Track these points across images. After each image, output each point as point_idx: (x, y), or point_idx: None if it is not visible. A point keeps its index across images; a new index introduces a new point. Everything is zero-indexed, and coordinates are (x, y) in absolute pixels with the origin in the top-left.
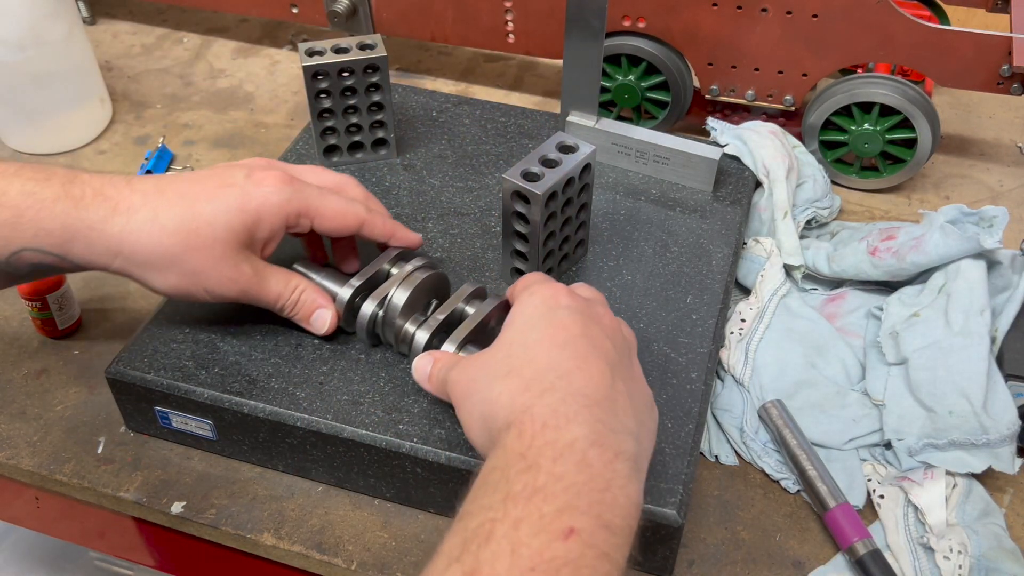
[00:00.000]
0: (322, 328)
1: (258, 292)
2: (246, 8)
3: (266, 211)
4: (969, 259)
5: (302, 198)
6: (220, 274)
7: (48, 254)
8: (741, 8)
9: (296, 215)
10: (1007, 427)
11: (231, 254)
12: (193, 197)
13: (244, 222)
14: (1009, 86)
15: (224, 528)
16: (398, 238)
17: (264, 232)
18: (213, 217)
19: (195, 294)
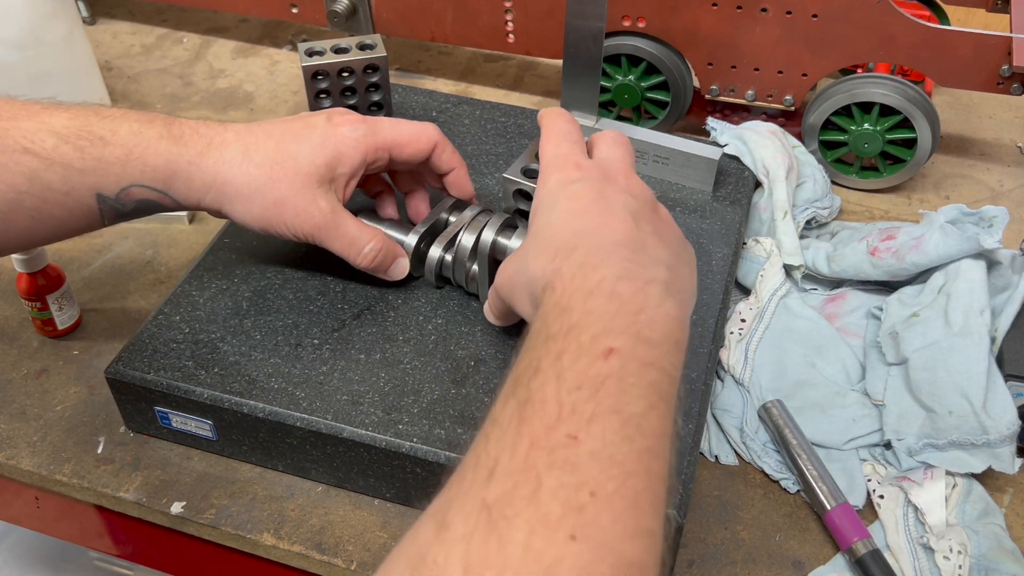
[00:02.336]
0: (402, 274)
1: (334, 230)
2: (246, 8)
3: (345, 147)
4: (969, 259)
5: (376, 131)
6: (299, 207)
7: (153, 190)
8: (741, 8)
9: (375, 148)
10: (1007, 427)
11: (312, 186)
12: (280, 136)
13: (325, 157)
14: (1009, 86)
15: (224, 528)
16: (457, 175)
17: (345, 167)
18: (297, 151)
19: (276, 227)
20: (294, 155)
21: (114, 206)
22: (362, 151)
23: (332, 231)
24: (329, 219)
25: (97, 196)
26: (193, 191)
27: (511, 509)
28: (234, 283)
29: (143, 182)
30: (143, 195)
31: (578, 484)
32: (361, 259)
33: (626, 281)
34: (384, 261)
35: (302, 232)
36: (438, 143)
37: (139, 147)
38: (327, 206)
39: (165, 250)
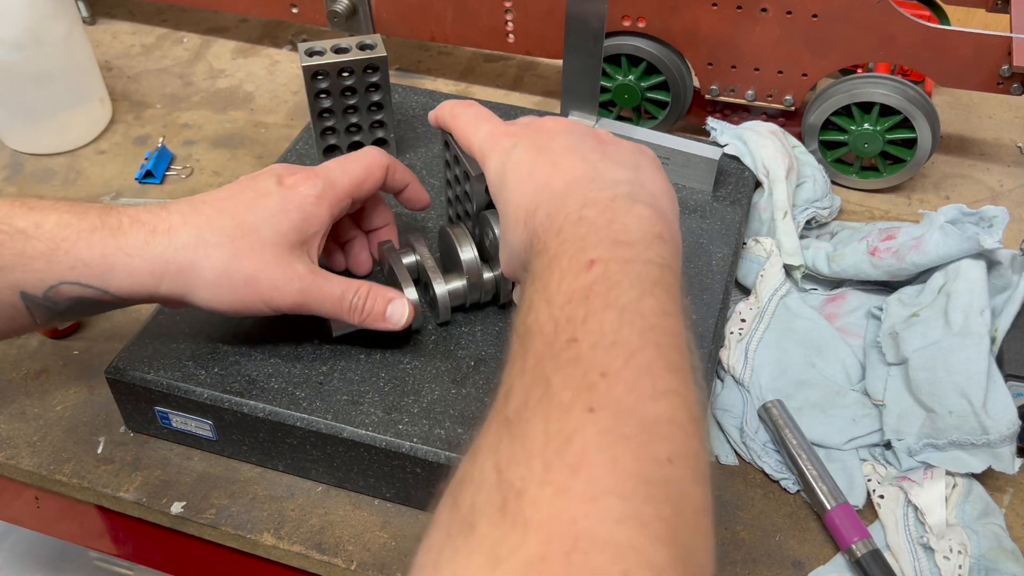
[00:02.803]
0: (400, 320)
1: (320, 291)
2: (246, 8)
3: (308, 206)
4: (969, 259)
5: (333, 181)
6: (275, 277)
7: (88, 287)
8: (741, 8)
9: (337, 200)
10: (1007, 427)
11: (283, 255)
12: (232, 211)
13: (292, 222)
14: (1009, 86)
15: (224, 528)
16: (412, 189)
17: (314, 227)
18: (257, 224)
19: (252, 306)
20: (255, 228)
21: (43, 304)
22: (327, 206)
23: (317, 292)
24: (310, 282)
25: (21, 295)
26: (140, 283)
27: (527, 412)
28: None
29: (73, 279)
30: (76, 292)
31: (585, 371)
32: (353, 314)
33: (589, 206)
34: (376, 309)
35: (284, 304)
36: (389, 166)
37: (67, 240)
38: (304, 269)
39: None
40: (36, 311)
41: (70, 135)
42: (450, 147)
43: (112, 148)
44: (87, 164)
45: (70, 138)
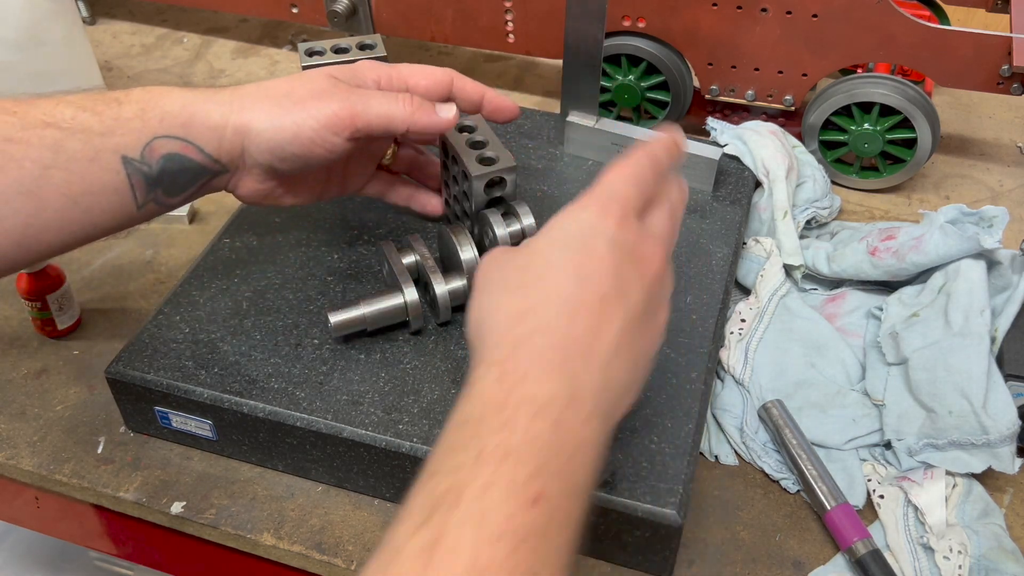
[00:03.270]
0: (451, 114)
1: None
2: (246, 8)
3: (360, 68)
4: (969, 259)
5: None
6: (322, 93)
7: (174, 139)
8: (741, 8)
9: (386, 76)
10: (1007, 427)
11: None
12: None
13: (343, 73)
14: (1009, 86)
15: (224, 528)
16: (490, 98)
17: (364, 80)
18: (311, 72)
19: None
20: (308, 74)
21: (140, 168)
22: (374, 74)
23: (363, 98)
24: (357, 91)
25: (123, 159)
26: (213, 129)
27: None
28: (234, 283)
29: (162, 132)
30: (167, 148)
31: None
32: (403, 106)
33: (573, 409)
34: (425, 104)
35: (333, 111)
36: (456, 77)
37: (152, 100)
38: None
39: (165, 250)
40: (136, 179)
41: None
42: (448, 147)
43: None
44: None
45: None
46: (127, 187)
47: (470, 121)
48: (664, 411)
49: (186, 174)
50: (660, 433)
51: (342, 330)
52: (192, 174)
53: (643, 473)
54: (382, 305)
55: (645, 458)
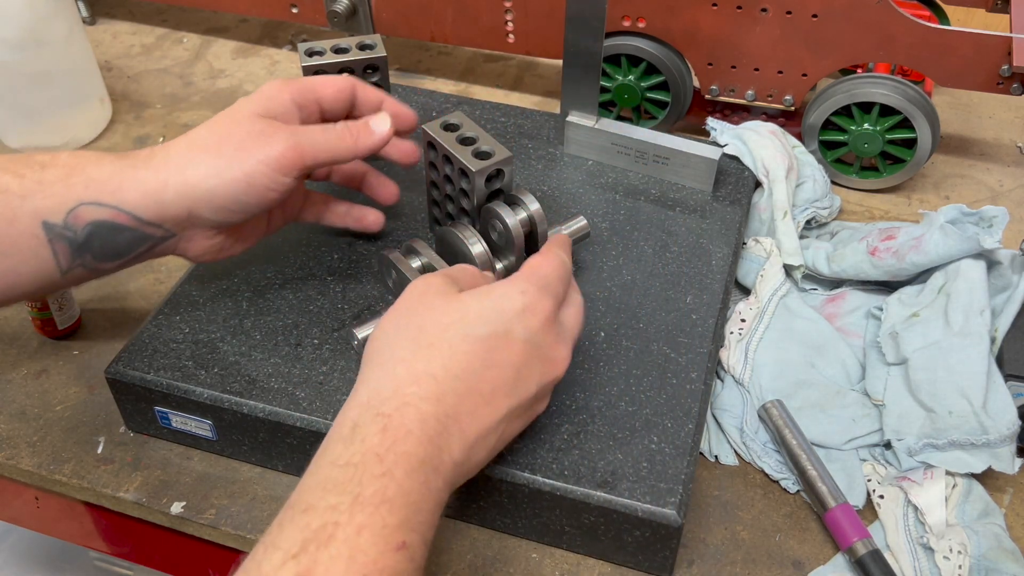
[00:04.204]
0: (385, 127)
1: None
2: (246, 8)
3: (272, 90)
4: (969, 259)
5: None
6: (262, 137)
7: (103, 206)
8: (741, 8)
9: (298, 90)
10: (1007, 427)
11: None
12: (212, 119)
13: (255, 103)
14: (1009, 86)
15: (224, 528)
16: (388, 104)
17: (277, 107)
18: (228, 112)
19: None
20: (227, 114)
21: (64, 234)
22: (288, 92)
23: (305, 134)
24: (295, 129)
25: (43, 225)
26: (149, 195)
27: None
28: (234, 283)
29: (89, 198)
30: (93, 215)
31: None
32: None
33: (436, 475)
34: (361, 127)
35: (279, 152)
36: (356, 84)
37: (79, 165)
38: (282, 124)
39: None
40: (58, 245)
41: (70, 135)
42: (437, 148)
43: (112, 148)
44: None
45: (70, 138)
46: (48, 252)
47: (454, 120)
48: (664, 411)
49: (121, 241)
50: (660, 433)
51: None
52: (129, 241)
53: (643, 473)
54: None
55: (645, 458)
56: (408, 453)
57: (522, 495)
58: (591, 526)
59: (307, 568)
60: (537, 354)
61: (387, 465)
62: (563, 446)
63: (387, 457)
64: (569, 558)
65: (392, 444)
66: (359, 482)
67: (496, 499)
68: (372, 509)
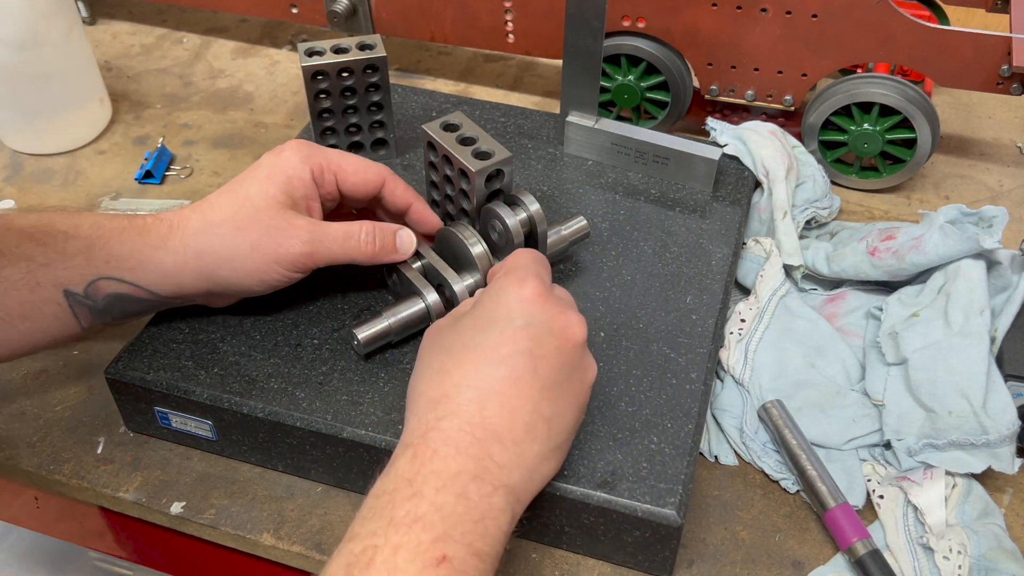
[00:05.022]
0: (410, 248)
1: (324, 235)
2: (246, 8)
3: (291, 168)
4: (969, 259)
5: (322, 154)
6: (278, 237)
7: (123, 282)
8: (741, 8)
9: (319, 168)
10: (1007, 427)
11: (280, 216)
12: (229, 189)
13: (277, 184)
14: (1009, 86)
15: (224, 528)
16: (416, 210)
17: (298, 189)
18: (248, 192)
19: (269, 272)
20: (247, 196)
21: (84, 303)
22: (308, 168)
23: (322, 239)
24: (312, 230)
25: (64, 293)
26: (167, 274)
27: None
28: None
29: (109, 274)
30: (113, 288)
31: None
32: (364, 247)
33: (477, 483)
34: (385, 240)
35: (294, 257)
36: (387, 179)
37: (102, 239)
38: (303, 221)
39: None
40: (79, 310)
41: (70, 135)
42: (437, 148)
43: (112, 148)
44: (87, 164)
45: (70, 138)
46: (70, 316)
47: (454, 120)
48: (664, 411)
49: (140, 308)
50: (660, 433)
51: (371, 345)
52: (143, 308)
53: (643, 473)
54: (405, 313)
55: (645, 458)
56: (437, 471)
57: None
58: (591, 526)
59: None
60: (544, 330)
61: (416, 486)
62: None
63: (416, 479)
64: (569, 558)
65: (420, 467)
66: (392, 505)
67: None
68: (405, 529)
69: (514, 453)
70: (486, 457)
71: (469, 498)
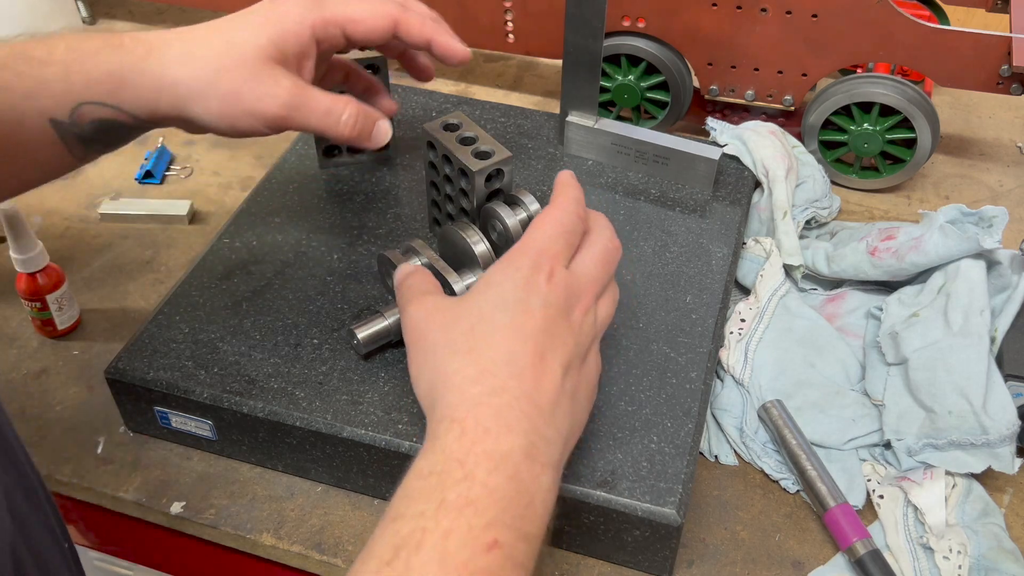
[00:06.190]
0: (384, 139)
1: (303, 106)
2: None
3: (289, 21)
4: (969, 259)
5: (325, 5)
6: (258, 91)
7: (104, 105)
8: (741, 8)
9: (323, 23)
10: (1006, 427)
11: (265, 69)
12: (219, 27)
13: (269, 36)
14: (1009, 86)
15: (224, 528)
16: (438, 44)
17: (292, 45)
18: (237, 36)
19: (240, 121)
20: (235, 41)
21: (71, 130)
22: (308, 26)
23: (302, 107)
24: (295, 95)
25: (51, 122)
26: (143, 99)
27: None
28: (234, 283)
29: (90, 98)
30: (96, 113)
31: None
32: (341, 128)
33: (528, 462)
34: (364, 127)
35: (270, 116)
36: (399, 20)
37: (77, 62)
38: (288, 82)
39: (165, 250)
40: (69, 139)
41: None
42: (437, 147)
43: None
44: (87, 164)
45: None
46: (60, 146)
47: (454, 120)
48: (664, 411)
49: (129, 133)
50: (660, 433)
51: (371, 345)
52: (127, 133)
53: (643, 473)
54: None
55: (645, 458)
56: (488, 452)
57: None
58: (591, 526)
59: (401, 573)
60: (558, 311)
61: (468, 468)
62: None
63: (467, 460)
64: (569, 558)
65: (471, 446)
66: (442, 488)
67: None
68: (456, 513)
69: (553, 427)
70: (534, 432)
71: (520, 479)
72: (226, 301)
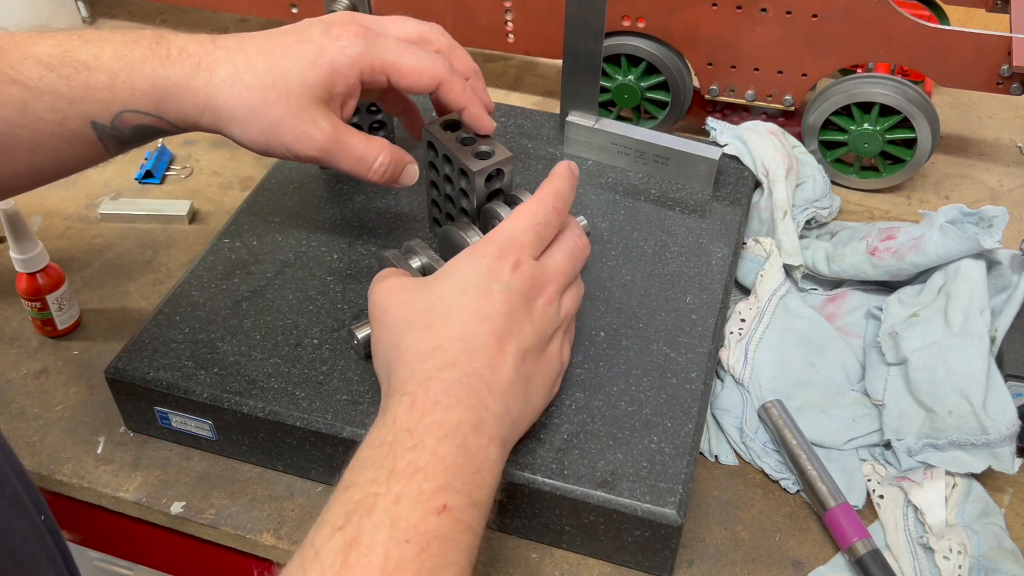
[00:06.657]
0: (413, 179)
1: (339, 151)
2: (246, 8)
3: (340, 64)
4: (969, 259)
5: (376, 52)
6: (298, 129)
7: (146, 115)
8: (741, 8)
9: (371, 69)
10: (1007, 427)
11: (308, 108)
12: (271, 53)
13: (319, 76)
14: (1009, 86)
15: (224, 528)
16: (469, 115)
17: (340, 87)
18: (288, 71)
19: (275, 149)
20: (285, 74)
21: (112, 133)
22: (358, 70)
23: (337, 152)
24: (332, 139)
25: (92, 124)
26: (186, 114)
27: None
28: (234, 283)
29: (134, 107)
30: (138, 120)
31: None
32: (371, 175)
33: (476, 434)
34: (395, 172)
35: (304, 155)
36: (444, 81)
37: (124, 71)
38: (328, 126)
39: (165, 250)
40: (107, 140)
41: None
42: (437, 147)
43: None
44: None
45: None
46: (98, 144)
47: (454, 119)
48: (664, 411)
49: (161, 133)
50: (660, 433)
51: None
52: (163, 135)
53: (643, 473)
54: None
55: (645, 458)
56: (438, 422)
57: (522, 495)
58: (591, 526)
59: (353, 537)
60: (519, 298)
61: (418, 437)
62: (563, 446)
63: (417, 430)
64: (569, 558)
65: (421, 416)
66: (393, 456)
67: (496, 499)
68: (407, 478)
69: (503, 405)
70: (482, 407)
71: (469, 449)
72: (226, 301)
